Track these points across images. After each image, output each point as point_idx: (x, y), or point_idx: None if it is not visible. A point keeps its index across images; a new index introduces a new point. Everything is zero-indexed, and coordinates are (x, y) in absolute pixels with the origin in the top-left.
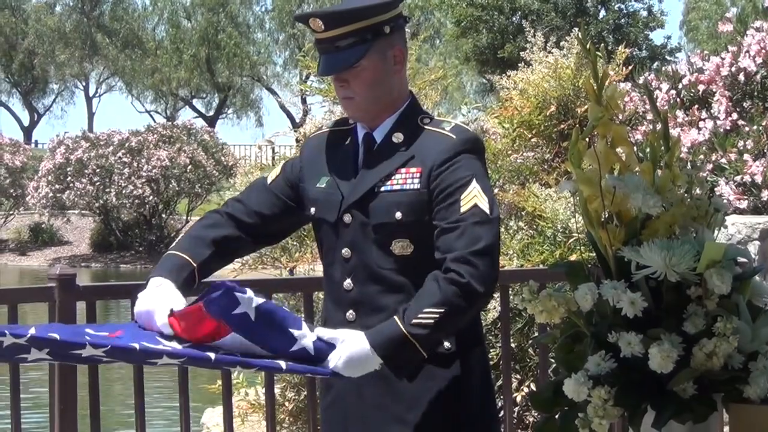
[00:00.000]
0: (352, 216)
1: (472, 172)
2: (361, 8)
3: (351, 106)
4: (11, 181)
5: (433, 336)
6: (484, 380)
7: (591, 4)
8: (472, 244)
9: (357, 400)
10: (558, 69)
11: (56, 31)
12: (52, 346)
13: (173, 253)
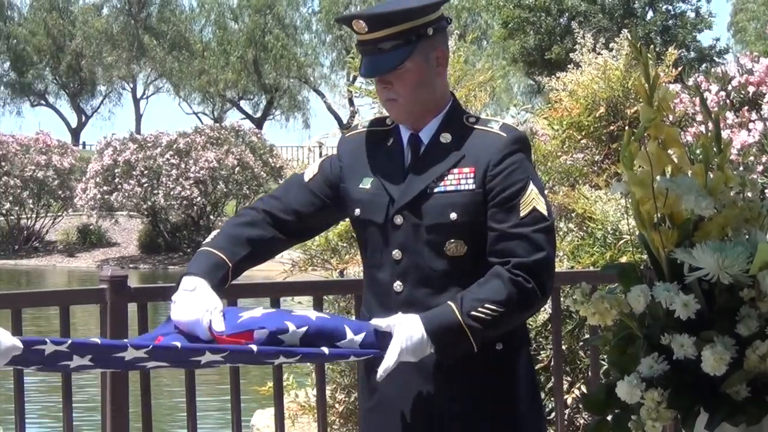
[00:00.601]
0: (403, 217)
1: (527, 174)
2: (405, 10)
3: (394, 108)
4: (59, 182)
5: (486, 331)
6: (531, 380)
7: (639, 6)
8: (534, 252)
9: (406, 403)
10: (607, 70)
11: (104, 33)
12: (94, 351)
13: (209, 251)
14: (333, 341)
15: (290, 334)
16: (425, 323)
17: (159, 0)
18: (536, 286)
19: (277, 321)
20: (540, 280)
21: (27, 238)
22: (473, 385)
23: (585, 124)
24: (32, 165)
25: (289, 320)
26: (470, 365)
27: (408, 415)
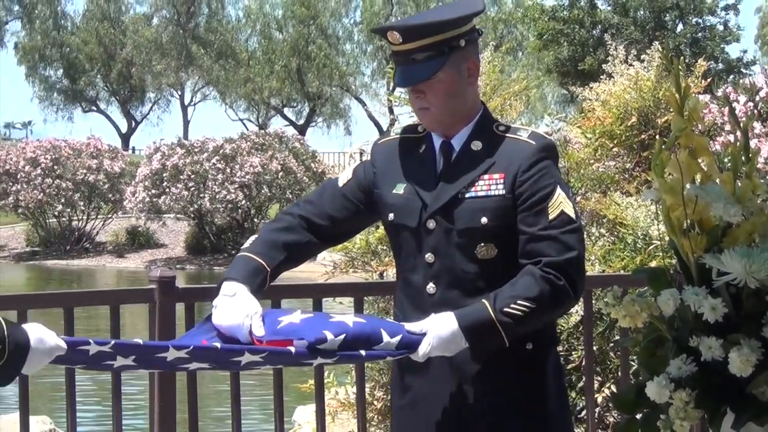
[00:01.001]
0: (435, 222)
1: (555, 179)
2: (439, 22)
3: (427, 117)
4: (110, 186)
5: (518, 327)
6: (559, 378)
7: (669, 19)
8: (564, 252)
9: (439, 401)
10: (639, 81)
11: (153, 42)
12: (136, 351)
13: (247, 256)
14: (370, 345)
15: (329, 343)
16: (459, 319)
17: (207, 10)
18: (567, 283)
19: (315, 330)
20: (570, 278)
21: (78, 239)
22: (504, 383)
23: (617, 133)
24: (84, 169)
25: (327, 329)
26: (501, 364)
27: (439, 413)
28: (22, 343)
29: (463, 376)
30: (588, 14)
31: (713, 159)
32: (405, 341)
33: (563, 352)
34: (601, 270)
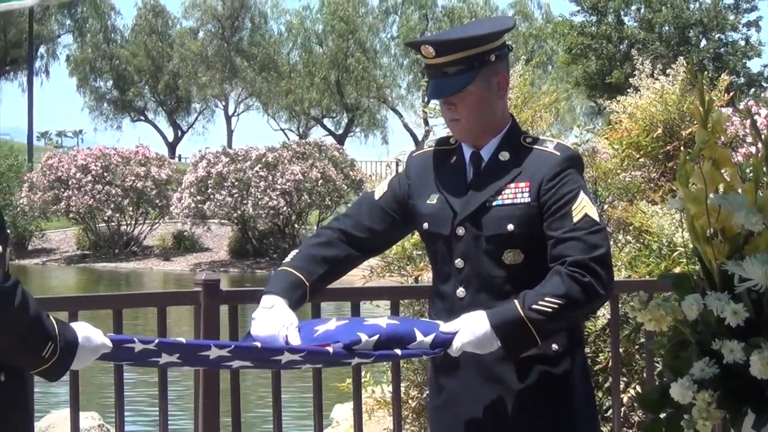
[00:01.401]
0: (465, 229)
1: (578, 185)
2: (470, 38)
3: (457, 128)
4: (157, 192)
5: (548, 324)
6: (586, 379)
7: (693, 34)
8: (589, 251)
9: (471, 402)
10: (664, 94)
11: (199, 54)
12: (180, 350)
13: (287, 270)
14: (404, 344)
15: (363, 344)
16: (490, 317)
17: (250, 25)
18: (593, 279)
19: (350, 333)
20: (596, 274)
21: (126, 242)
22: (531, 385)
23: (643, 144)
24: (132, 176)
25: (361, 331)
26: (528, 366)
27: (470, 414)
28: (71, 341)
29: (492, 378)
30: (615, 30)
31: (735, 170)
32: (439, 340)
33: (590, 353)
34: (627, 276)
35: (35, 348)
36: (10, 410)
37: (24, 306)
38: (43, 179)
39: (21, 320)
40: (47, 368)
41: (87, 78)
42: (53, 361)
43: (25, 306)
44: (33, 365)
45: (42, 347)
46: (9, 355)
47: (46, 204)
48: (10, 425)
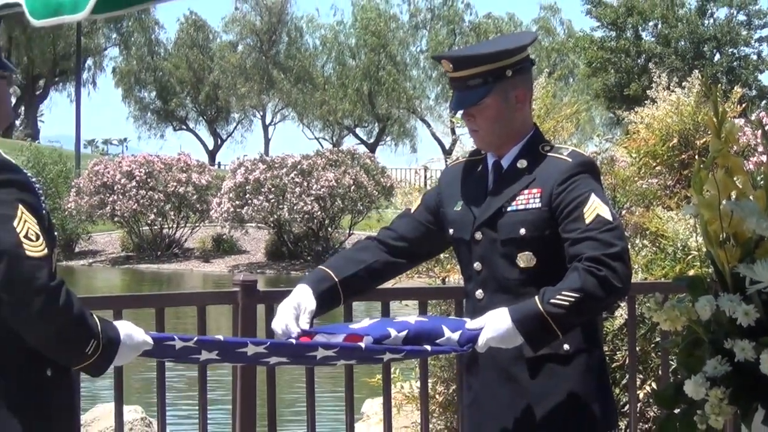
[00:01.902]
0: (482, 233)
1: (589, 188)
2: (485, 54)
3: (477, 138)
4: (198, 197)
5: (568, 317)
6: (603, 379)
7: (707, 49)
8: (604, 248)
9: (492, 400)
10: (680, 106)
11: (238, 67)
12: (219, 347)
13: (319, 267)
14: (432, 340)
15: (392, 339)
16: (512, 313)
17: (287, 39)
18: (608, 273)
19: (380, 329)
20: (611, 268)
21: (168, 245)
22: (547, 385)
23: (659, 153)
24: (174, 181)
25: (390, 327)
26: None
27: (491, 412)
28: (113, 338)
29: (507, 378)
30: (633, 44)
31: (747, 177)
32: (465, 337)
33: (608, 351)
34: (644, 278)
35: (78, 345)
36: (56, 403)
37: (68, 305)
38: (89, 185)
39: (65, 318)
40: (90, 364)
41: (132, 89)
42: (96, 358)
43: (69, 305)
44: (77, 361)
45: (85, 344)
46: (54, 351)
47: (92, 208)
48: (57, 417)
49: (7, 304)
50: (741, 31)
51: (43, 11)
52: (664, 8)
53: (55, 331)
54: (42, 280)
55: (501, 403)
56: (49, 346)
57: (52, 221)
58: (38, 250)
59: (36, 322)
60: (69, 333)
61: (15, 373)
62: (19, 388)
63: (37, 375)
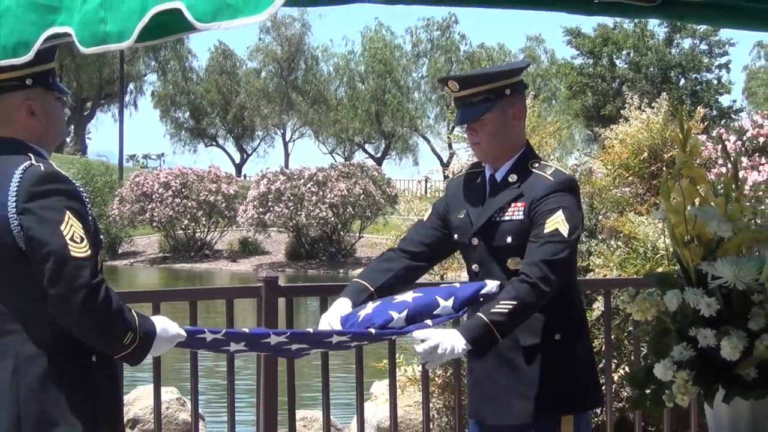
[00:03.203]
0: (478, 239)
1: (561, 204)
2: (487, 74)
3: (478, 150)
4: (226, 205)
5: (508, 323)
6: (590, 363)
7: (674, 75)
8: (545, 255)
9: (491, 383)
10: (649, 124)
11: (261, 91)
12: (245, 338)
13: (355, 280)
14: (431, 312)
15: (395, 321)
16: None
17: (304, 66)
18: (539, 281)
19: (383, 314)
20: (544, 274)
21: (200, 247)
22: (538, 369)
23: (631, 165)
24: (205, 191)
25: (392, 309)
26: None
27: (490, 393)
28: (149, 331)
29: (505, 363)
30: (608, 71)
31: (709, 186)
32: (459, 301)
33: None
34: (618, 274)
35: (117, 336)
36: (101, 385)
37: (107, 300)
38: (131, 194)
39: (104, 312)
40: (128, 354)
41: (168, 110)
42: (133, 348)
43: (108, 300)
44: (115, 351)
45: (123, 336)
46: (95, 342)
47: (133, 214)
48: (100, 396)
49: (53, 299)
50: (703, 59)
51: (90, 40)
52: (636, 39)
53: (94, 323)
54: (84, 278)
55: (499, 387)
56: (90, 337)
57: (98, 226)
58: (82, 251)
59: (78, 315)
60: (107, 325)
61: (65, 358)
62: (69, 371)
63: (84, 360)
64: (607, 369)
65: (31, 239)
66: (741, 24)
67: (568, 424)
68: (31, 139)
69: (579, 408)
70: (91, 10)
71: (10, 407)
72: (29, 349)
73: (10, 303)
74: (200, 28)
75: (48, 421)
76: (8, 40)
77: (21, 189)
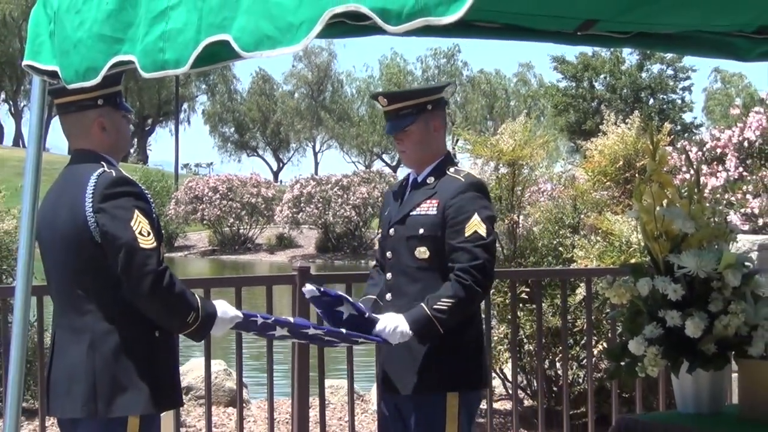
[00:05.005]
0: (395, 230)
1: (475, 207)
2: (411, 91)
3: (404, 157)
4: (265, 206)
5: (448, 318)
6: (476, 349)
7: (644, 95)
8: (472, 260)
9: (390, 359)
10: (624, 137)
11: (295, 109)
12: (289, 326)
13: (367, 297)
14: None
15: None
16: (407, 318)
17: (331, 89)
18: (473, 283)
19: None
20: (476, 278)
21: (243, 241)
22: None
23: (609, 172)
24: (248, 194)
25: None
26: None
27: (394, 367)
28: (211, 312)
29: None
30: (588, 92)
31: (675, 190)
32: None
33: (571, 320)
34: (597, 264)
35: (181, 315)
36: (162, 357)
37: (171, 284)
38: (185, 196)
39: (169, 295)
40: (192, 331)
41: (216, 126)
42: (196, 326)
43: (172, 284)
44: (181, 329)
45: (186, 315)
46: (163, 320)
47: (187, 214)
48: (161, 364)
49: (127, 284)
50: (669, 82)
51: (151, 66)
52: (611, 65)
53: (162, 303)
54: (151, 265)
55: (395, 363)
56: (159, 316)
57: (160, 223)
58: (149, 243)
59: (147, 297)
60: (173, 305)
61: (134, 334)
62: (136, 344)
63: (148, 336)
64: (588, 344)
65: (105, 234)
66: (702, 52)
67: (453, 399)
68: (103, 150)
69: (464, 387)
70: (151, 41)
71: (88, 375)
72: (103, 326)
73: (88, 288)
74: (245, 56)
75: (119, 386)
76: (80, 66)
77: (96, 191)
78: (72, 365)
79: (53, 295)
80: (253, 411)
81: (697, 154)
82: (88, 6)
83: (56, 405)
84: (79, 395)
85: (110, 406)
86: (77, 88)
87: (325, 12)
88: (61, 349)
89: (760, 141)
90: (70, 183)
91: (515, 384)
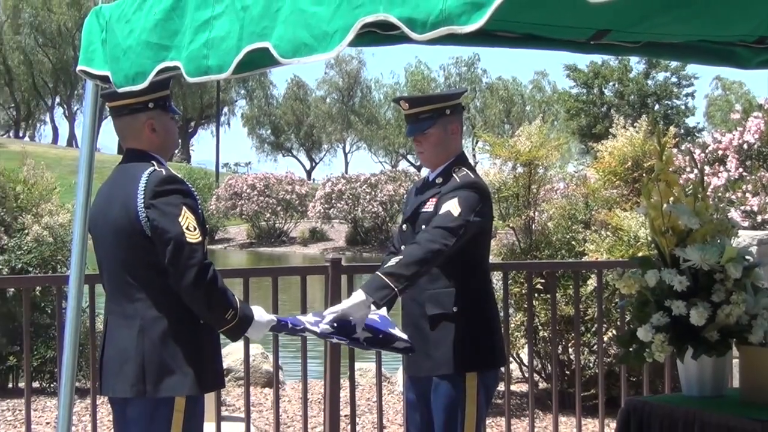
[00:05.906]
0: (407, 226)
1: (456, 195)
2: (431, 96)
3: (422, 158)
4: (299, 202)
5: (402, 276)
6: (488, 331)
7: (650, 101)
8: (435, 227)
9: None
10: (633, 140)
11: (327, 113)
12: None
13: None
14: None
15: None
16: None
17: (360, 94)
18: (429, 241)
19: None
20: (433, 237)
21: (278, 235)
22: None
23: (618, 172)
24: (283, 191)
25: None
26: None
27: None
28: (249, 315)
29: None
30: (598, 98)
31: (681, 189)
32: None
33: (583, 308)
34: (607, 257)
35: (221, 310)
36: (206, 342)
37: (214, 279)
38: (225, 193)
39: (212, 287)
40: (229, 329)
41: (254, 128)
42: (233, 324)
43: (215, 279)
44: (219, 324)
45: (225, 311)
46: (202, 311)
47: (227, 209)
48: (206, 347)
49: (173, 274)
50: (673, 89)
51: (195, 72)
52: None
53: (204, 295)
54: (197, 258)
55: (419, 347)
56: (200, 307)
57: (204, 218)
58: (195, 238)
59: (191, 287)
60: (214, 299)
61: (180, 320)
62: (182, 330)
63: (193, 323)
64: (599, 331)
65: (155, 228)
66: (705, 60)
67: (472, 379)
68: (153, 150)
69: (482, 367)
70: (196, 49)
71: (137, 358)
72: (152, 313)
73: (139, 277)
74: (283, 63)
75: (167, 369)
76: (130, 71)
77: (147, 188)
78: (123, 348)
79: (105, 284)
80: (288, 391)
81: (700, 156)
82: (137, 16)
83: (108, 385)
84: (129, 376)
85: (158, 387)
86: (129, 92)
87: (357, 21)
88: (112, 333)
89: (758, 144)
90: (123, 180)
91: (531, 368)
